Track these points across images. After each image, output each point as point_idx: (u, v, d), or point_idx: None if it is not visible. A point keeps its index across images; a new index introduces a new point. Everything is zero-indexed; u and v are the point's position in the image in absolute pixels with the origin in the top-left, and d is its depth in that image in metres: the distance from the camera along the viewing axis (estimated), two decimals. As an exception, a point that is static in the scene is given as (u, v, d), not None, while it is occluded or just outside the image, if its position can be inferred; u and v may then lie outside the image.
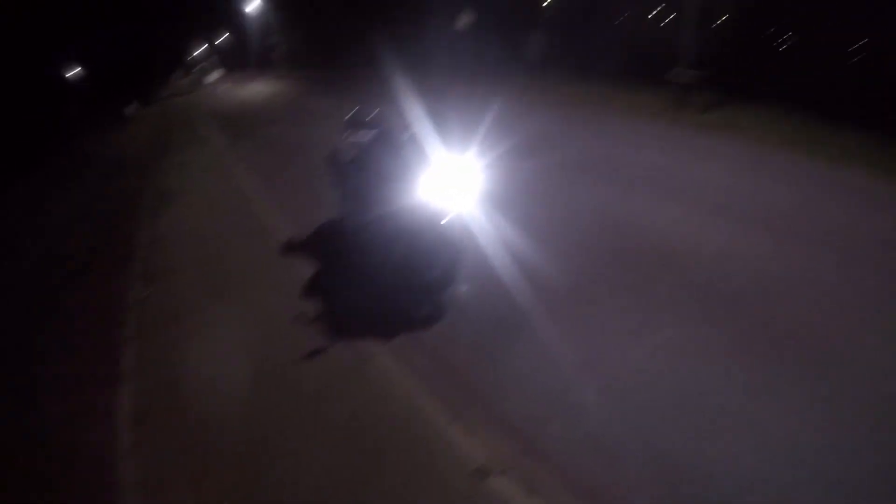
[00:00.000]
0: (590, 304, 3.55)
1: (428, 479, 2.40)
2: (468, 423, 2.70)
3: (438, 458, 2.50)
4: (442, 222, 3.71)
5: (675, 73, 10.23)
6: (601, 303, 3.56)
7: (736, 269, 3.85)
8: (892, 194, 5.24)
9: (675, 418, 2.58)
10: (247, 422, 2.92)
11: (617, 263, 4.01)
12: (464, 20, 13.36)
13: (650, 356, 3.01)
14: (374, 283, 3.84)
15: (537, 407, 2.75)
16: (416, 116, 4.43)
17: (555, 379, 2.92)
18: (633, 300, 3.55)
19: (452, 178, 3.70)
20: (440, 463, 2.48)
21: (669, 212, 4.86)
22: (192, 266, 5.22)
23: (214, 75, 36.19)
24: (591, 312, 3.48)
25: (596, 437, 2.54)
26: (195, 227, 6.39)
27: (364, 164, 4.02)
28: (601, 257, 4.11)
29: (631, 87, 11.43)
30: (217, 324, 4.02)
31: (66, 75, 29.22)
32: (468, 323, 3.49)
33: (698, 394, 2.71)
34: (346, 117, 4.26)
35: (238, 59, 33.35)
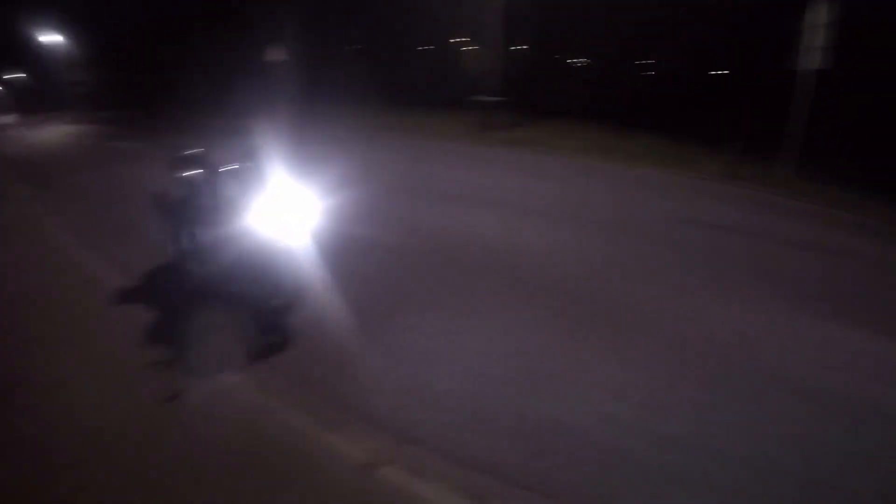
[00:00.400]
0: (432, 306, 3.99)
1: (318, 484, 2.37)
2: (342, 428, 2.72)
3: (323, 464, 2.49)
4: (280, 249, 3.70)
5: (477, 97, 11.74)
6: (442, 303, 4.05)
7: (549, 259, 4.80)
8: (675, 183, 6.78)
9: (521, 386, 3.04)
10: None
11: (451, 268, 4.65)
12: (274, 54, 13.32)
13: (489, 340, 3.52)
14: (219, 317, 3.67)
15: (402, 401, 2.92)
16: (240, 149, 4.38)
17: (411, 375, 3.17)
18: (468, 296, 4.14)
19: (287, 206, 3.72)
20: (326, 467, 2.47)
21: (487, 218, 5.87)
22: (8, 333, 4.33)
23: (5, 118, 31.23)
24: (433, 312, 3.90)
25: (460, 415, 2.79)
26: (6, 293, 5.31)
27: (195, 202, 3.83)
28: (437, 265, 4.70)
29: (441, 112, 12.78)
30: (59, 389, 3.37)
31: None
32: (319, 339, 3.56)
33: (536, 364, 3.26)
34: (172, 156, 4.00)
35: (35, 100, 28.83)
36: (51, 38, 23.63)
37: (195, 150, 4.04)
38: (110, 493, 2.42)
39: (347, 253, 4.65)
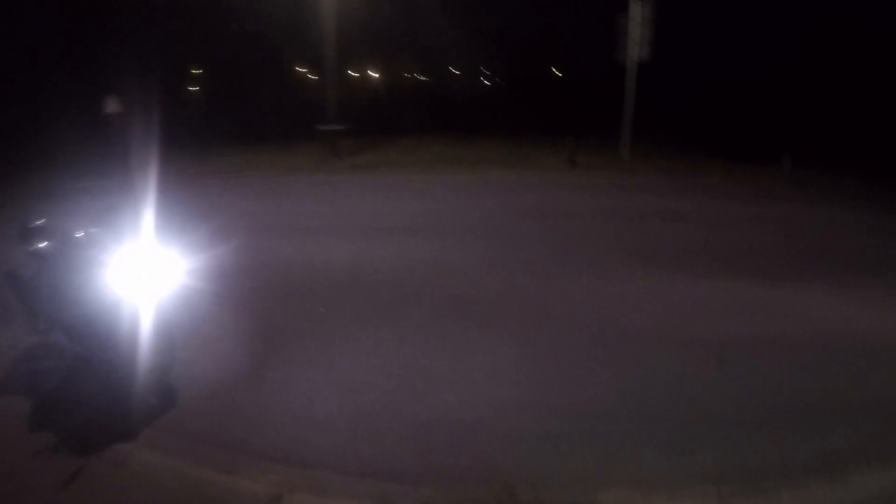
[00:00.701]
0: (305, 336, 4.03)
1: None
2: (243, 470, 2.72)
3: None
4: (144, 309, 3.53)
5: (322, 126, 12.11)
6: (313, 332, 4.11)
7: (410, 273, 5.19)
8: (521, 182, 7.62)
9: (404, 392, 3.28)
10: None
11: (316, 296, 4.71)
12: (111, 105, 12.38)
13: (368, 356, 3.73)
14: (96, 389, 3.45)
15: (294, 432, 2.97)
16: (89, 212, 4.11)
17: (297, 405, 3.22)
18: (338, 321, 4.28)
19: (145, 265, 3.59)
20: None
21: (346, 244, 6.11)
22: None
23: None
24: (308, 341, 3.96)
25: (352, 432, 2.92)
26: None
27: (49, 274, 3.55)
28: (301, 296, 4.74)
29: (290, 145, 12.94)
30: None
31: None
32: (202, 389, 3.47)
33: (414, 368, 3.54)
34: (18, 228, 3.70)
35: None
36: None
37: (39, 221, 3.71)
38: None
39: (214, 300, 4.46)
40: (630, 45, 11.27)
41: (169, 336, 3.80)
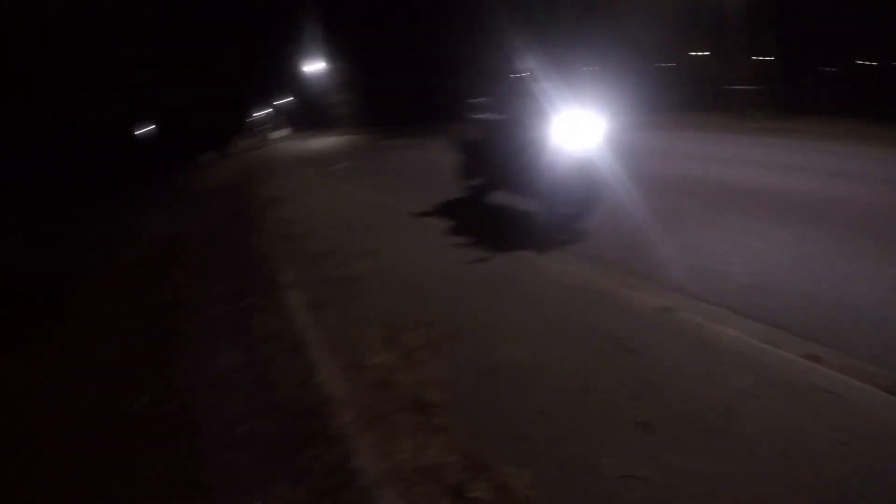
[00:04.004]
0: (711, 220, 4.24)
1: (625, 314, 2.93)
2: (640, 287, 3.27)
3: (627, 305, 3.05)
4: (575, 160, 4.37)
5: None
6: (720, 219, 4.26)
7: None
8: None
9: (802, 272, 3.16)
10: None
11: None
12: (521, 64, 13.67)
13: (765, 240, 3.65)
14: (515, 220, 4.90)
15: (691, 277, 3.31)
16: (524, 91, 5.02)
17: (697, 260, 3.52)
18: (741, 216, 4.20)
19: (577, 125, 4.33)
20: (629, 308, 3.02)
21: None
22: (328, 227, 5.84)
23: (281, 132, 38.49)
24: (716, 222, 4.13)
25: (747, 287, 3.06)
26: (326, 211, 6.99)
27: (492, 138, 5.05)
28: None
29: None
30: (399, 254, 4.55)
31: (138, 132, 34.70)
32: (612, 233, 4.34)
33: (814, 258, 3.33)
34: (468, 107, 5.44)
35: (302, 119, 36.14)
36: (313, 66, 29.00)
37: (481, 101, 5.31)
38: (446, 299, 3.46)
39: (628, 178, 5.08)
40: None
41: (593, 185, 4.63)
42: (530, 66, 5.05)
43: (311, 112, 33.36)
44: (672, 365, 2.40)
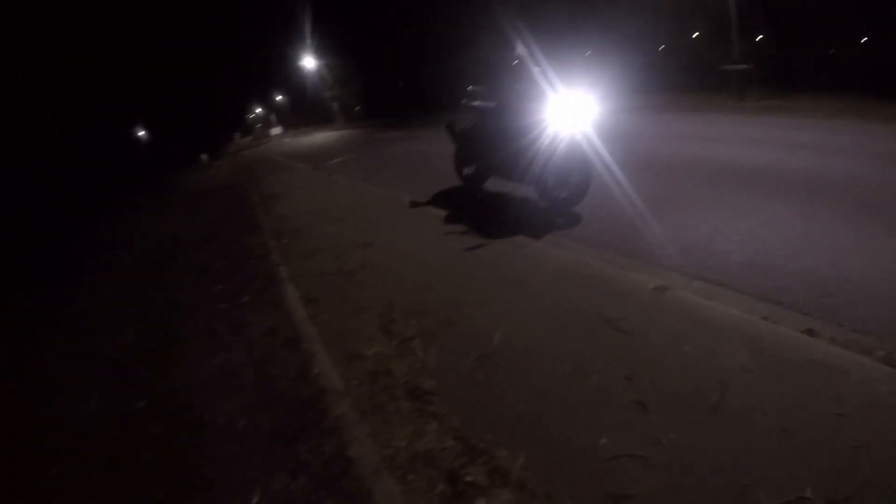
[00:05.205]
0: (701, 199, 4.32)
1: (618, 294, 2.93)
2: (633, 268, 3.31)
3: (620, 286, 3.06)
4: (567, 144, 4.40)
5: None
6: (712, 197, 4.34)
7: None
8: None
9: (796, 247, 3.20)
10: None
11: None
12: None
13: (757, 216, 3.72)
14: (509, 207, 4.95)
15: (685, 256, 3.36)
16: (517, 78, 5.08)
17: (691, 240, 3.57)
18: (732, 195, 4.27)
19: (570, 108, 4.34)
20: (622, 288, 3.03)
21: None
22: (323, 224, 5.81)
23: (276, 130, 38.23)
24: (705, 203, 4.18)
25: (740, 264, 3.10)
26: (322, 206, 7.03)
27: (483, 123, 5.13)
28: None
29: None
30: (399, 244, 4.61)
31: (137, 135, 34.99)
32: (604, 216, 4.39)
33: (807, 232, 3.38)
34: (466, 94, 5.48)
35: (297, 115, 36.27)
36: (307, 63, 28.65)
37: (476, 91, 5.34)
38: (441, 287, 3.51)
39: (620, 162, 5.14)
40: None
41: (582, 170, 4.66)
42: (523, 51, 5.02)
43: (306, 108, 33.32)
44: (666, 343, 2.40)
